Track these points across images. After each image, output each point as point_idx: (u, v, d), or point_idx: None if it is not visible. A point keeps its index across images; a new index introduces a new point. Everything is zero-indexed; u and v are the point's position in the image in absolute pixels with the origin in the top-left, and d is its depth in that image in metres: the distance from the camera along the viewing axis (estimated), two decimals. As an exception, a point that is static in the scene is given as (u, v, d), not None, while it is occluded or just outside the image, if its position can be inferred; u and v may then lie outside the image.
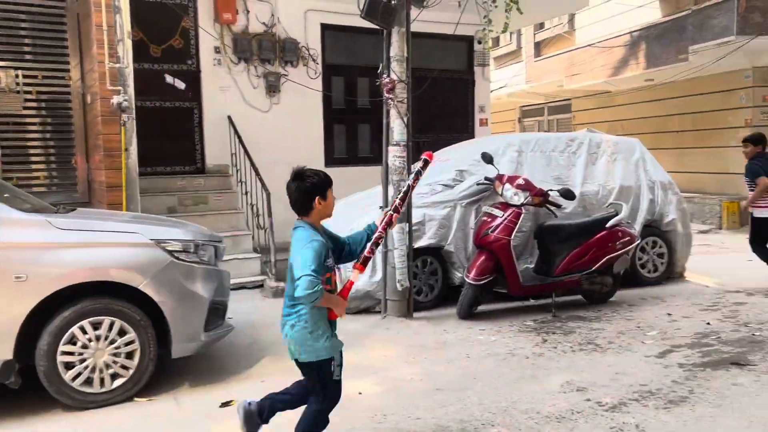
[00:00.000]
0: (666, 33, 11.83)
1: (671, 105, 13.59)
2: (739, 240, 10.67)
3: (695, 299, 6.54)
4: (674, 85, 12.90)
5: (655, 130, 13.79)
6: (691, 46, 11.07)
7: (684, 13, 11.42)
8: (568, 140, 7.32)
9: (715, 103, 12.52)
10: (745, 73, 11.77)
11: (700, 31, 10.95)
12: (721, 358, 4.62)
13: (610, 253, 6.23)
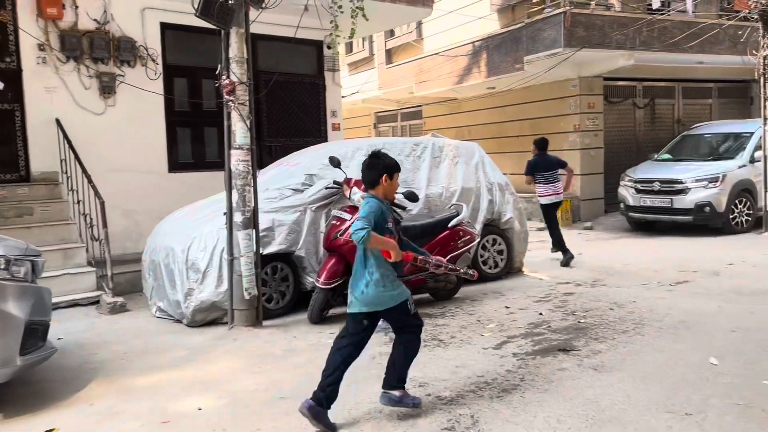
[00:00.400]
0: (504, 44, 12.64)
1: (511, 111, 14.53)
2: (572, 235, 11.62)
3: (531, 292, 6.99)
4: (513, 92, 13.80)
5: (497, 135, 14.66)
6: (526, 56, 11.92)
7: (519, 25, 12.27)
8: (413, 145, 7.54)
9: (549, 110, 13.55)
10: (572, 82, 12.86)
11: (533, 43, 11.81)
12: (550, 346, 4.97)
13: (453, 252, 6.50)
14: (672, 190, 10.91)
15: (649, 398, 3.83)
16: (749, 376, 4.12)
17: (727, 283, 6.94)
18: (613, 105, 13.70)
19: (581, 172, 12.94)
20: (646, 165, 12.05)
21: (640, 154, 13.50)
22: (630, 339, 5.04)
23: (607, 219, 12.94)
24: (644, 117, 14.16)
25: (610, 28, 11.56)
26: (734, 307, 5.86)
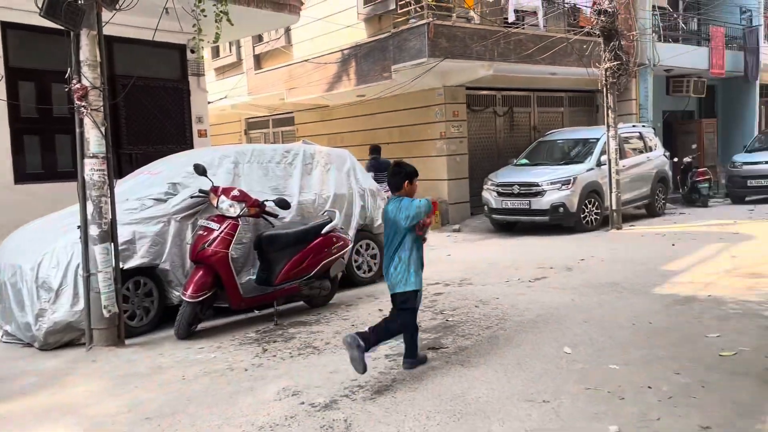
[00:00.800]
0: (372, 52, 12.89)
1: (381, 119, 14.84)
2: (441, 237, 12.07)
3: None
4: (382, 100, 14.11)
5: (369, 142, 14.85)
6: (393, 65, 12.24)
7: (385, 35, 12.57)
8: (284, 151, 7.48)
9: (417, 117, 13.99)
10: (438, 91, 13.38)
11: (399, 52, 12.15)
12: (420, 345, 5.10)
13: (327, 258, 6.50)
14: (530, 193, 11.65)
15: (511, 389, 4.05)
16: (598, 362, 4.49)
17: (579, 277, 7.52)
18: (476, 113, 14.42)
19: (448, 177, 13.49)
20: (507, 169, 12.79)
21: (501, 159, 14.30)
22: (494, 334, 5.31)
23: (473, 221, 13.57)
24: (504, 124, 15.03)
25: (470, 39, 12.16)
26: (585, 300, 6.37)
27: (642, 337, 5.01)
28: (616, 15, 11.77)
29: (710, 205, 14.96)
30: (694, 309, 5.77)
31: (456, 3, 12.27)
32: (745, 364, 4.25)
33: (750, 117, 19.10)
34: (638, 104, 16.10)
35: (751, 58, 18.02)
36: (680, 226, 11.48)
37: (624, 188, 11.93)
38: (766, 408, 3.55)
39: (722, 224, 11.39)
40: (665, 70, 16.77)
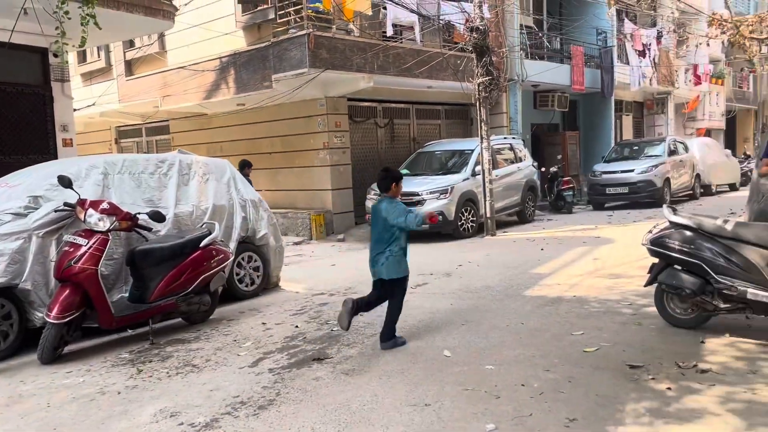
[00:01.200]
0: (252, 61, 12.69)
1: (263, 128, 14.63)
2: (326, 247, 12.08)
3: (287, 306, 7.10)
4: (264, 109, 13.92)
5: (250, 152, 14.62)
6: (274, 74, 12.12)
7: (266, 44, 12.43)
8: (158, 162, 7.16)
9: (299, 128, 13.93)
10: (320, 101, 13.41)
11: (280, 62, 12.06)
12: (305, 357, 5.09)
13: (206, 272, 6.30)
14: (411, 202, 11.94)
15: (394, 395, 4.13)
16: (475, 363, 4.68)
17: (457, 282, 7.81)
18: (358, 124, 14.60)
19: (332, 187, 13.54)
20: (389, 179, 13.03)
21: (383, 169, 14.55)
22: (378, 342, 5.38)
23: (358, 230, 13.70)
24: (385, 135, 15.34)
25: (351, 51, 12.32)
26: (463, 304, 6.63)
27: (515, 337, 5.29)
28: (487, 32, 12.41)
29: (574, 212, 16.12)
30: (561, 309, 6.17)
31: (335, 15, 12.38)
32: (605, 358, 4.61)
33: (607, 129, 20.82)
34: (509, 117, 17.04)
35: (607, 76, 19.66)
36: (548, 232, 12.26)
37: (497, 197, 12.58)
38: (624, 398, 3.88)
39: (585, 229, 12.30)
40: (532, 86, 17.89)
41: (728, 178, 20.54)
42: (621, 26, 20.53)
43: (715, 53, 25.89)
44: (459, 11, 13.69)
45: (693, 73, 24.83)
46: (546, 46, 19.34)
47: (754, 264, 4.71)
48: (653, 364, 4.39)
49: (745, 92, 31.64)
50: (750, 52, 12.59)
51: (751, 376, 4.07)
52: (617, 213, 15.21)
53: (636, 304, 6.15)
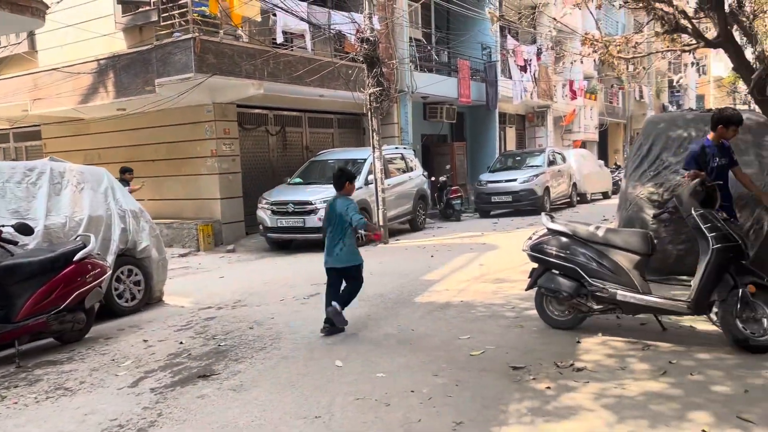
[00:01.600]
0: (133, 64, 12.09)
1: (146, 134, 13.96)
2: (214, 259, 11.70)
3: (172, 321, 6.78)
4: (147, 115, 13.28)
5: (132, 159, 13.89)
6: (157, 79, 11.61)
7: (148, 47, 11.88)
8: (26, 170, 6.63)
9: (185, 134, 13.42)
10: (207, 107, 13.00)
11: (164, 66, 11.57)
12: (190, 374, 4.87)
13: (81, 288, 5.88)
14: (304, 211, 11.86)
15: (284, 409, 4.04)
16: (366, 372, 4.69)
17: (349, 291, 7.80)
18: (248, 131, 14.30)
19: (221, 196, 13.15)
20: (281, 188, 12.89)
21: (275, 177, 14.37)
22: (267, 355, 5.26)
23: (248, 241, 13.38)
24: (277, 143, 15.13)
25: (239, 57, 12.05)
26: (356, 312, 6.59)
27: (405, 344, 5.36)
28: (378, 44, 12.60)
29: (463, 219, 16.66)
30: (450, 314, 6.33)
31: (223, 20, 12.08)
32: (490, 361, 4.77)
33: (492, 141, 21.76)
34: (400, 128, 17.36)
35: (491, 89, 20.56)
36: (438, 239, 12.59)
37: (390, 205, 12.75)
38: (507, 398, 4.02)
39: (472, 236, 12.74)
40: (422, 97, 18.35)
41: (602, 187, 22.07)
42: (504, 42, 21.57)
43: (589, 70, 27.80)
44: (350, 21, 13.82)
45: (569, 89, 26.51)
46: (434, 59, 19.92)
47: (622, 267, 5.06)
48: (534, 365, 4.59)
49: (615, 107, 34.21)
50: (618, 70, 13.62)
51: (620, 372, 4.36)
52: (502, 220, 15.89)
53: (518, 307, 6.42)
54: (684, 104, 40.95)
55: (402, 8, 16.77)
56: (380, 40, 13.54)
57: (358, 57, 12.84)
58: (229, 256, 12.13)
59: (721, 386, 3.99)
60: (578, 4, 11.73)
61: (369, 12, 12.39)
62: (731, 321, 4.58)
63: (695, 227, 4.80)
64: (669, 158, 7.15)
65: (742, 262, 4.66)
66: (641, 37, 12.62)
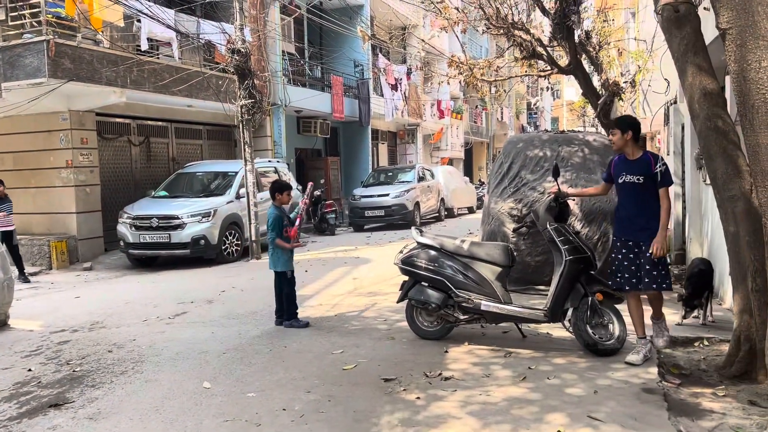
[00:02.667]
0: (-25, 65, 10.98)
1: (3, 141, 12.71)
2: (69, 277, 10.86)
3: (18, 347, 6.18)
4: (-9, 121, 12.10)
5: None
6: (4, 83, 10.64)
7: (-7, 47, 10.87)
8: None
9: (37, 143, 12.38)
10: (62, 115, 12.08)
11: (12, 69, 10.64)
12: (40, 404, 4.46)
13: None
14: (170, 226, 11.34)
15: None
16: (237, 392, 4.55)
17: (219, 309, 7.56)
18: (109, 141, 13.46)
19: (77, 210, 12.23)
20: (144, 202, 12.25)
21: (138, 190, 13.62)
22: (129, 379, 4.95)
23: (107, 257, 12.55)
24: (141, 154, 14.36)
25: (99, 63, 11.35)
26: (226, 331, 6.42)
27: (278, 361, 5.27)
28: (249, 55, 12.42)
29: (337, 233, 16.75)
30: (324, 328, 6.32)
31: (82, 23, 11.33)
32: (363, 374, 4.81)
33: (365, 156, 22.13)
34: (273, 141, 17.17)
35: (364, 106, 20.94)
36: (313, 254, 12.54)
37: (261, 220, 12.49)
38: (379, 411, 4.07)
39: (346, 250, 12.84)
40: (296, 111, 18.29)
41: (467, 202, 23.16)
42: (376, 60, 22.09)
43: (455, 91, 29.17)
44: (220, 32, 13.51)
45: (437, 108, 27.64)
46: (308, 74, 19.96)
47: (485, 278, 5.33)
48: (405, 376, 4.69)
49: (479, 127, 36.15)
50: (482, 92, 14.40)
51: (485, 379, 4.57)
52: (375, 234, 16.16)
53: (390, 319, 6.55)
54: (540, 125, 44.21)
55: (274, 21, 16.66)
56: (252, 52, 13.35)
57: (228, 68, 12.56)
58: (86, 274, 11.31)
59: (574, 388, 4.30)
60: (445, 28, 12.27)
61: (240, 23, 12.19)
62: (582, 327, 4.97)
63: (550, 240, 5.16)
64: (527, 176, 7.66)
65: (591, 273, 5.08)
66: (502, 61, 13.44)
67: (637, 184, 4.78)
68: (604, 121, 9.48)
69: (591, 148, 7.80)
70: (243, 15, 12.46)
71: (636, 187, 4.79)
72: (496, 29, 10.00)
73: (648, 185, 4.74)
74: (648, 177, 4.73)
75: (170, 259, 11.73)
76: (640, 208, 4.78)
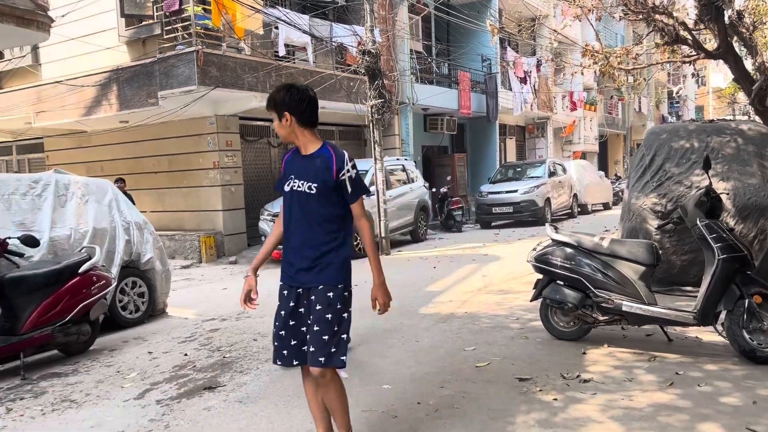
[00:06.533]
0: (136, 77, 12.15)
1: (148, 146, 14.00)
2: (217, 270, 11.70)
3: (176, 333, 6.77)
4: (149, 127, 13.34)
5: (134, 171, 13.97)
6: (160, 91, 11.67)
7: (151, 59, 11.94)
8: (31, 182, 6.65)
9: (187, 146, 13.47)
10: (210, 119, 13.05)
11: (167, 78, 11.63)
12: (195, 386, 4.86)
13: (86, 300, 5.89)
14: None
15: (291, 421, 4.03)
16: (372, 384, 4.68)
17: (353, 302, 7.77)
18: (250, 143, 14.35)
19: (223, 208, 13.17)
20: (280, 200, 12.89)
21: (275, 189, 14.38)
22: (273, 366, 5.25)
23: (250, 252, 13.38)
24: (278, 155, 15.16)
25: (242, 70, 12.12)
26: (359, 323, 6.50)
27: (410, 355, 5.35)
28: (379, 56, 12.67)
29: (464, 230, 16.68)
30: (454, 325, 6.33)
31: (226, 33, 12.15)
32: (496, 372, 4.76)
33: (492, 152, 21.82)
34: (401, 139, 17.42)
35: (492, 101, 20.65)
36: (440, 250, 12.59)
37: (391, 216, 12.77)
38: (514, 410, 4.01)
39: (474, 247, 12.75)
40: (423, 109, 18.43)
41: (602, 198, 22.11)
42: (504, 54, 21.69)
43: (589, 81, 27.95)
44: (351, 34, 13.90)
45: (569, 100, 26.63)
46: (435, 71, 20.02)
47: (627, 278, 5.06)
48: (540, 376, 4.58)
49: (615, 118, 34.35)
50: (618, 82, 13.71)
51: (628, 384, 4.35)
52: (503, 231, 15.89)
53: (523, 318, 6.42)
54: (683, 115, 41.17)
55: (403, 20, 16.88)
56: (381, 53, 13.62)
57: (359, 69, 12.90)
58: (232, 267, 12.13)
59: (730, 397, 3.98)
60: (578, 17, 11.80)
61: (370, 25, 12.47)
62: (738, 332, 4.58)
63: (701, 238, 4.81)
64: (672, 169, 7.18)
65: (748, 273, 4.67)
66: (641, 48, 12.69)
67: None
68: (759, 108, 8.67)
69: (745, 138, 7.15)
70: (373, 16, 12.74)
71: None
72: (634, 14, 9.47)
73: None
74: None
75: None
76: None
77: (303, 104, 3.10)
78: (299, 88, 3.14)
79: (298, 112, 3.11)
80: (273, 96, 3.16)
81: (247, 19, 12.00)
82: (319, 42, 14.08)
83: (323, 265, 3.23)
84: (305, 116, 3.13)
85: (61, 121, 13.56)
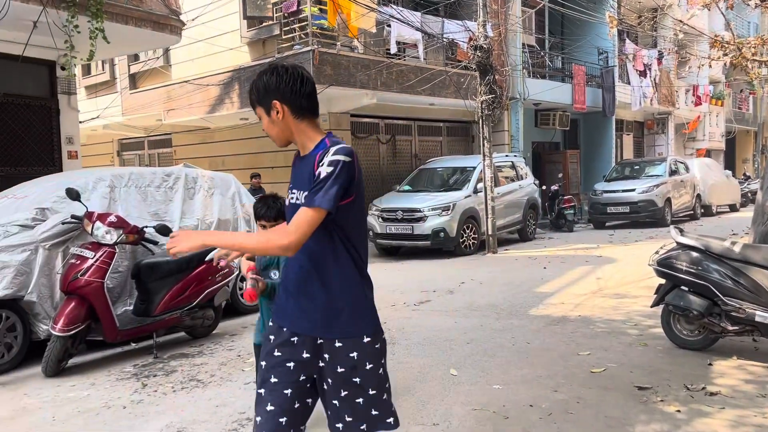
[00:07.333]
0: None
1: (266, 142, 14.63)
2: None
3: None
4: (266, 124, 13.94)
5: (252, 166, 14.65)
6: (278, 89, 12.15)
7: (270, 59, 12.49)
8: (164, 175, 7.17)
9: (301, 142, 13.95)
10: (323, 117, 13.46)
11: (284, 77, 12.09)
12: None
13: (211, 287, 6.29)
14: (413, 218, 11.97)
15: (401, 414, 4.08)
16: (482, 383, 4.66)
17: (460, 300, 7.79)
18: (360, 140, 14.66)
19: (333, 202, 13.54)
20: (390, 195, 13.09)
21: (384, 185, 14.61)
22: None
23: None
24: (387, 151, 15.40)
25: (354, 68, 12.40)
26: (468, 322, 6.61)
27: (522, 356, 5.28)
28: (491, 51, 12.51)
29: (575, 230, 16.13)
30: (567, 328, 6.16)
31: (340, 32, 12.47)
32: (613, 379, 4.60)
33: (608, 149, 20.92)
34: (510, 135, 17.12)
35: (608, 95, 19.80)
36: (550, 250, 12.26)
37: (499, 214, 12.59)
38: (633, 420, 3.86)
39: (587, 248, 12.31)
40: (534, 104, 17.99)
41: (728, 199, 20.61)
42: (622, 46, 20.73)
43: (716, 74, 26.11)
44: (463, 30, 13.82)
45: (693, 94, 25.01)
46: (548, 66, 19.48)
47: (762, 286, 4.71)
48: (661, 386, 4.37)
49: (745, 113, 31.86)
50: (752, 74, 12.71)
51: (761, 400, 4.05)
52: (618, 232, 15.23)
53: (641, 324, 6.13)
54: (826, 109, 37.41)
55: (516, 14, 16.56)
56: (493, 48, 13.44)
57: (470, 65, 12.81)
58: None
59: None
60: (707, 5, 11.05)
61: (483, 19, 12.34)
62: None
63: None
64: (815, 170, 6.57)
65: None
66: (779, 38, 11.68)
67: None
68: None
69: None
70: (485, 11, 12.59)
71: None
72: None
73: None
74: None
75: (412, 249, 12.38)
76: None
77: (296, 86, 2.27)
78: (288, 67, 2.30)
79: (291, 99, 2.27)
80: (255, 83, 2.31)
81: (361, 18, 12.25)
82: (430, 38, 14.11)
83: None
84: (302, 102, 2.30)
85: (188, 118, 14.51)
